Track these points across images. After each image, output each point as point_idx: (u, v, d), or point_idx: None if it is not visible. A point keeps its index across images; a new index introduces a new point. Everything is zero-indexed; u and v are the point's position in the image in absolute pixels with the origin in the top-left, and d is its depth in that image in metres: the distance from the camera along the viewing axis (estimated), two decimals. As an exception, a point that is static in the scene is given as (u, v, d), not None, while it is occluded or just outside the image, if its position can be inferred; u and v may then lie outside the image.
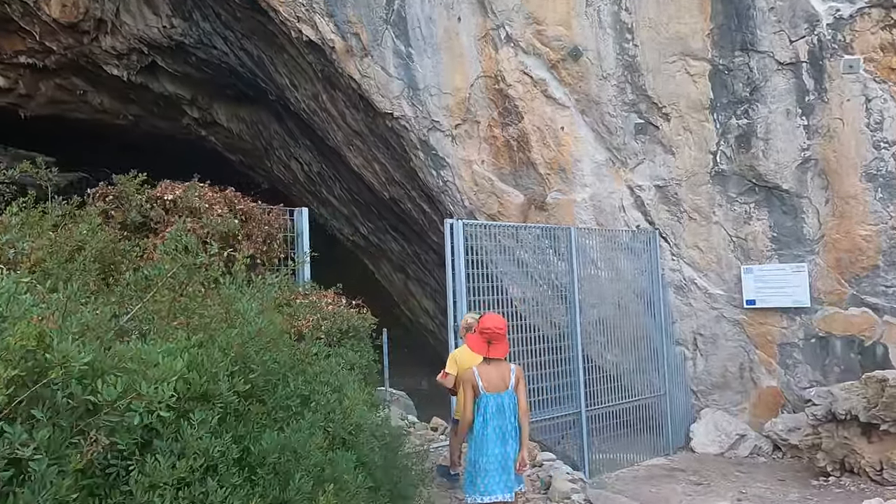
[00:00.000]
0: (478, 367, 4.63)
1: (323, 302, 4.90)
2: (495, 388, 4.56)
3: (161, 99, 13.86)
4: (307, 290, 5.35)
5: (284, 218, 6.23)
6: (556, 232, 8.30)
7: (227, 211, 5.66)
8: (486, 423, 4.52)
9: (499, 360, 4.63)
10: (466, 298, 7.28)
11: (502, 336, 4.64)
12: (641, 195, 9.04)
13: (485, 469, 4.53)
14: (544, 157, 9.28)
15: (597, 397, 8.31)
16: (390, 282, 14.87)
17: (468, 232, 7.41)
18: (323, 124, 11.71)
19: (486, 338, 4.60)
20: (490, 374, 4.59)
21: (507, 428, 4.56)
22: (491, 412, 4.53)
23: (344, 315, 4.61)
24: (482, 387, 4.54)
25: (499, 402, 4.55)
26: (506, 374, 4.63)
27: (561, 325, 8.22)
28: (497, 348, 4.62)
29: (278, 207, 6.16)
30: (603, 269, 8.86)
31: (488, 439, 4.52)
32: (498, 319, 4.76)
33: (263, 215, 5.88)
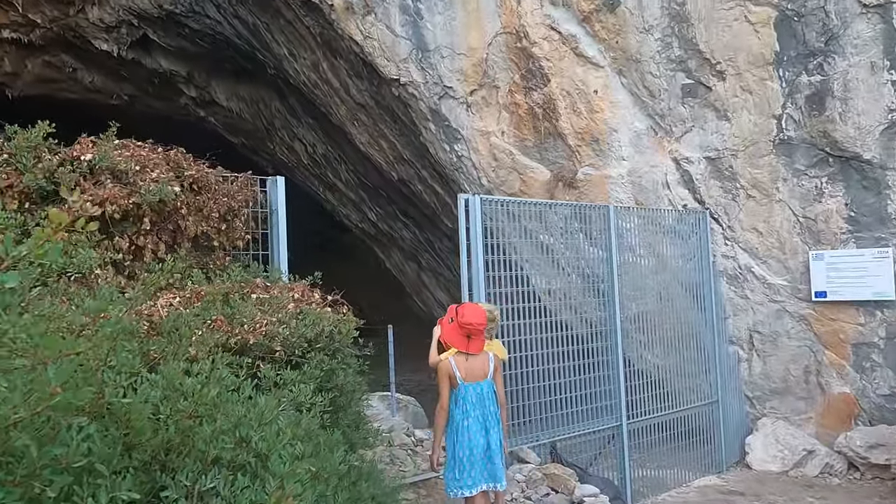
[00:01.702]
0: (455, 358, 4.37)
1: (288, 297, 3.36)
2: (474, 377, 4.37)
3: (156, 76, 12.41)
4: (271, 281, 3.82)
5: (254, 189, 4.70)
6: (589, 212, 6.70)
7: (174, 177, 4.14)
8: (466, 415, 4.30)
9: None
10: (485, 290, 5.73)
11: (482, 331, 4.40)
12: (689, 169, 7.40)
13: (469, 462, 4.30)
14: (574, 126, 7.67)
15: (639, 407, 6.72)
16: (402, 271, 13.34)
17: (486, 210, 5.84)
18: (325, 98, 10.17)
19: (465, 332, 4.33)
20: (468, 364, 4.37)
21: (488, 417, 4.36)
22: (471, 402, 4.33)
23: (312, 317, 3.07)
24: (460, 377, 4.33)
25: (478, 391, 4.37)
26: (485, 363, 4.44)
27: (596, 323, 6.63)
28: (476, 343, 4.39)
29: (245, 175, 4.63)
30: (643, 256, 7.25)
31: (470, 430, 4.30)
32: (479, 313, 4.42)
33: (222, 184, 4.34)
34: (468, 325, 4.28)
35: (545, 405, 6.02)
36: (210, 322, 2.87)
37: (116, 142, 4.11)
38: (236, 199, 4.38)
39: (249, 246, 4.66)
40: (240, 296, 3.48)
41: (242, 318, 2.95)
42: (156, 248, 3.91)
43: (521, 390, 5.84)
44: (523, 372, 5.86)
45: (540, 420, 5.99)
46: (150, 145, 4.29)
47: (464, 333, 4.30)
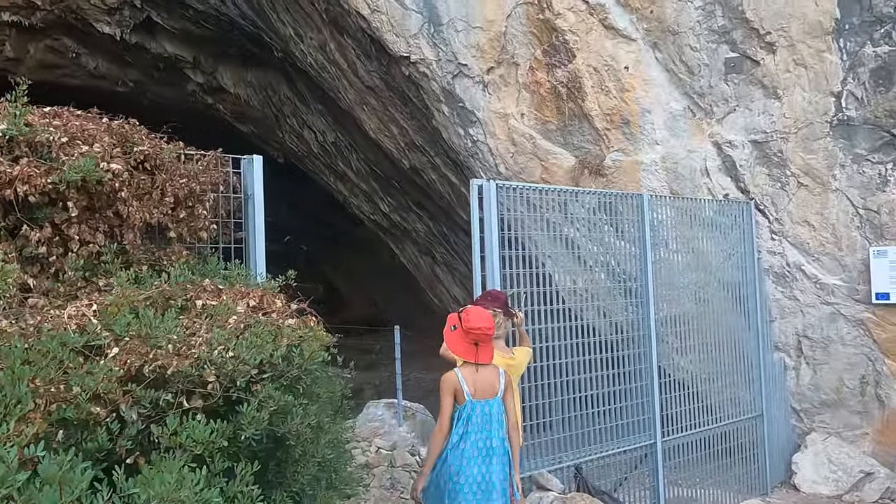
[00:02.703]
0: (461, 369, 3.62)
1: (243, 305, 2.51)
2: (483, 393, 3.60)
3: (161, 61, 11.66)
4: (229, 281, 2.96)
5: (224, 171, 3.84)
6: (619, 201, 5.77)
7: (120, 153, 3.30)
8: (465, 437, 3.53)
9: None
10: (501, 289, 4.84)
11: (491, 337, 3.68)
12: (732, 154, 6.44)
13: (455, 492, 3.48)
14: (602, 106, 6.74)
15: (675, 422, 5.81)
16: (416, 265, 12.49)
17: (503, 198, 4.95)
18: (333, 82, 9.32)
19: (472, 339, 3.61)
20: (477, 378, 3.61)
21: (491, 443, 3.57)
22: (476, 423, 3.55)
23: (264, 334, 2.21)
24: (468, 392, 3.56)
25: (486, 410, 3.59)
26: (494, 378, 3.67)
27: (626, 327, 5.72)
28: (486, 352, 3.65)
29: (213, 153, 3.78)
30: (678, 252, 6.31)
31: (466, 456, 3.51)
32: (486, 317, 3.70)
33: (182, 163, 3.49)
34: (476, 330, 3.58)
35: (569, 422, 5.13)
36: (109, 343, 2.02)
37: (47, 109, 3.27)
38: (199, 181, 3.52)
39: (219, 238, 3.81)
40: (182, 302, 2.63)
41: (162, 338, 2.09)
42: (90, 240, 3.08)
43: (542, 405, 4.95)
44: (544, 384, 4.98)
45: (563, 439, 5.10)
46: (94, 115, 3.46)
47: (471, 341, 3.59)
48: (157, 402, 1.98)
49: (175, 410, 1.96)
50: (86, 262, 3.06)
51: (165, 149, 3.42)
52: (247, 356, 2.00)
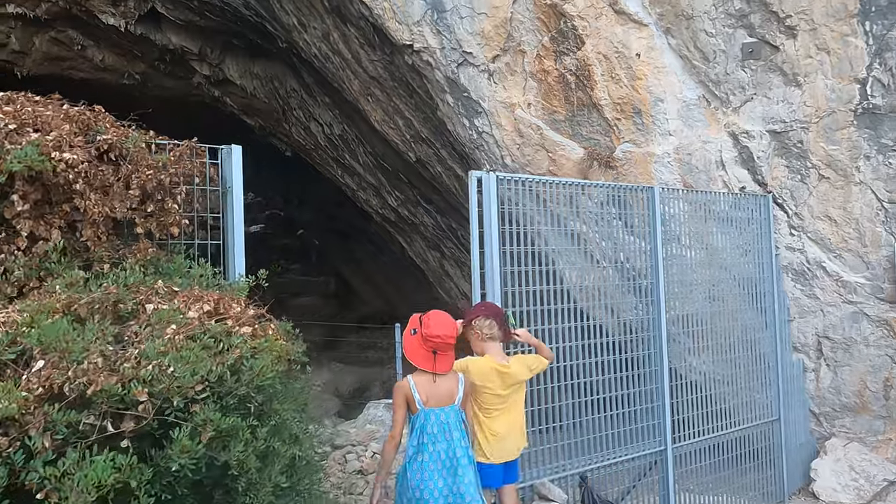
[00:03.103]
0: (415, 376, 3.42)
1: (196, 310, 2.23)
2: (438, 401, 3.38)
3: (167, 53, 11.42)
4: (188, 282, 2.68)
5: (200, 161, 3.56)
6: (629, 194, 5.43)
7: (81, 141, 3.03)
8: (421, 448, 3.31)
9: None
10: (501, 289, 4.54)
11: (451, 346, 3.45)
12: (749, 145, 6.07)
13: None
14: (612, 95, 6.39)
15: (687, 428, 5.47)
16: (424, 260, 12.19)
17: (504, 190, 4.64)
18: (338, 72, 9.03)
19: (431, 347, 3.39)
20: (432, 386, 3.37)
21: (455, 453, 3.33)
22: (432, 433, 3.32)
23: (208, 346, 1.92)
24: (420, 401, 3.36)
25: (442, 419, 3.36)
26: (453, 385, 3.45)
27: (636, 327, 5.39)
28: (444, 361, 3.42)
29: (188, 143, 3.50)
30: (691, 248, 5.95)
31: (426, 469, 3.28)
32: (448, 324, 3.47)
33: (146, 153, 3.21)
34: (435, 338, 3.37)
35: (574, 427, 4.83)
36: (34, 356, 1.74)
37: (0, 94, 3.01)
38: (169, 172, 3.25)
39: (195, 233, 3.53)
40: (132, 306, 2.35)
41: (93, 350, 1.81)
42: (44, 236, 2.81)
43: (545, 410, 4.65)
44: (547, 388, 4.67)
45: (567, 446, 4.79)
46: (56, 101, 3.19)
47: (429, 349, 3.37)
48: (77, 425, 1.69)
49: (97, 436, 1.67)
50: (41, 260, 2.80)
51: (131, 137, 3.14)
52: (180, 373, 1.70)
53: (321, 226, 18.53)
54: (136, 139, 3.12)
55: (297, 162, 13.67)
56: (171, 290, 2.41)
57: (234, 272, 3.56)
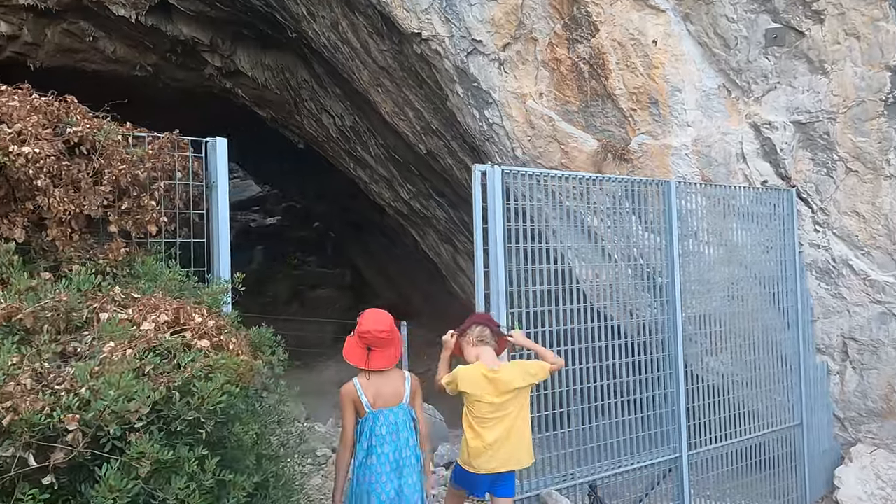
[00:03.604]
0: (360, 378, 3.32)
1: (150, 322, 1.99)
2: (385, 402, 3.30)
3: (178, 45, 11.24)
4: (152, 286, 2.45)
5: (182, 155, 3.33)
6: (644, 188, 5.13)
7: (50, 133, 2.81)
8: (370, 451, 3.22)
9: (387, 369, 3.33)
10: (505, 288, 4.28)
11: (387, 340, 3.34)
12: (772, 137, 5.72)
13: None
14: (628, 85, 6.07)
15: (704, 433, 5.18)
16: (437, 254, 11.94)
17: (509, 184, 4.37)
18: (347, 62, 8.78)
19: (364, 343, 3.31)
20: (377, 386, 3.29)
21: (402, 454, 3.26)
22: (381, 434, 3.23)
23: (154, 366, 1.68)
24: (367, 402, 3.26)
25: (391, 419, 3.27)
26: (398, 385, 3.37)
27: (651, 328, 5.10)
28: (379, 357, 3.30)
29: (169, 135, 3.27)
30: (709, 244, 5.64)
31: (375, 472, 3.19)
32: (380, 319, 3.38)
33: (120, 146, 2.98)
34: (366, 333, 3.29)
35: (583, 434, 4.56)
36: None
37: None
38: (146, 166, 3.02)
39: (176, 232, 3.31)
40: (88, 315, 2.12)
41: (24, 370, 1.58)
42: (7, 235, 2.60)
43: (552, 416, 4.39)
44: (555, 392, 4.41)
45: (576, 453, 4.53)
46: (23, 91, 2.97)
47: (362, 345, 3.29)
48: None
49: (17, 470, 1.44)
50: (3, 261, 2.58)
51: (104, 129, 2.91)
52: (113, 398, 1.47)
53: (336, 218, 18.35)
54: (109, 131, 2.90)
55: (313, 153, 13.46)
56: (130, 297, 2.19)
57: (219, 272, 3.33)
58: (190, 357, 1.77)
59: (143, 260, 2.73)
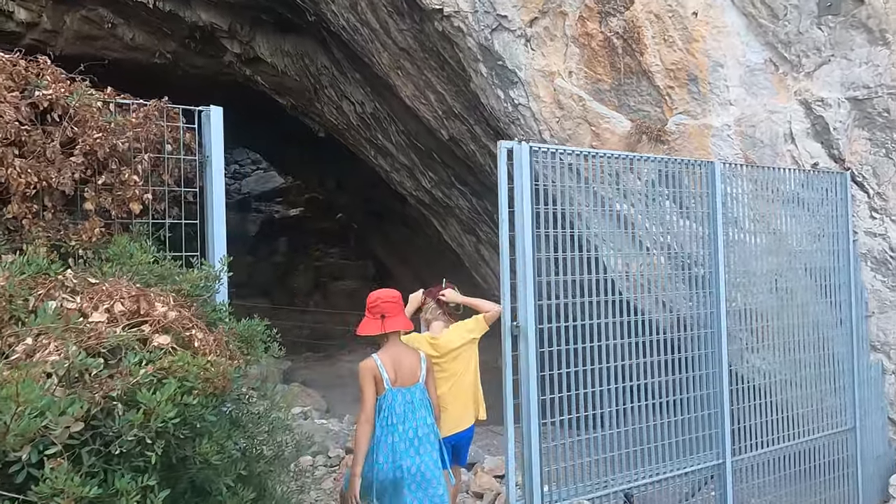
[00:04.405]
0: (380, 355, 3.35)
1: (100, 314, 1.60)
2: (403, 381, 3.33)
3: (196, 30, 10.93)
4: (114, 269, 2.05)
5: (172, 125, 2.93)
6: (685, 170, 4.63)
7: (17, 97, 2.43)
8: (391, 429, 3.22)
9: (405, 346, 3.44)
10: (534, 277, 3.84)
11: (396, 305, 3.42)
12: (824, 115, 5.19)
13: (391, 488, 3.18)
14: (665, 60, 5.57)
15: (748, 437, 4.70)
16: (460, 244, 11.51)
17: (539, 165, 3.92)
18: (367, 45, 8.38)
19: (377, 313, 3.36)
20: (397, 364, 3.32)
21: (419, 431, 3.28)
22: (400, 413, 3.25)
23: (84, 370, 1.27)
24: (388, 379, 3.27)
25: (408, 398, 3.30)
26: (415, 364, 3.42)
27: (690, 323, 4.62)
28: (394, 321, 3.37)
29: (156, 102, 2.88)
30: (752, 233, 5.12)
31: (397, 450, 3.20)
32: (387, 290, 3.56)
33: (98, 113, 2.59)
34: (375, 301, 3.42)
35: (617, 438, 4.11)
36: None
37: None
38: (126, 135, 2.62)
39: (166, 212, 2.92)
40: (34, 303, 1.72)
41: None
42: (-41, 212, 2.22)
43: (583, 418, 3.95)
44: (587, 392, 3.97)
45: (610, 459, 4.08)
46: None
47: (376, 315, 3.39)
48: None
49: None
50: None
51: (77, 92, 2.51)
52: (9, 416, 1.06)
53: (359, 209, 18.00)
54: (83, 95, 2.50)
55: (333, 143, 13.10)
56: (85, 282, 1.79)
57: (213, 256, 2.93)
58: (136, 358, 1.38)
59: (113, 240, 2.34)
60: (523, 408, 3.84)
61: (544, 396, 3.84)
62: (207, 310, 2.21)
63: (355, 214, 18.98)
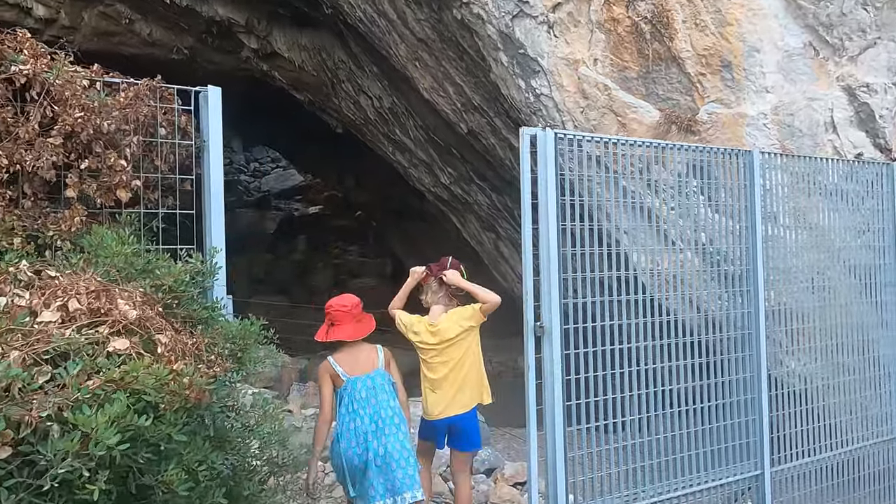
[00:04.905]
0: (334, 355, 3.43)
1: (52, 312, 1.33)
2: (361, 369, 3.39)
3: (213, 25, 10.74)
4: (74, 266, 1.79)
5: (168, 107, 2.68)
6: (720, 160, 4.29)
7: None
8: (354, 414, 3.27)
9: (361, 343, 3.46)
10: (559, 274, 3.53)
11: (347, 314, 3.44)
12: (870, 102, 4.82)
13: (360, 472, 3.22)
14: (696, 46, 5.23)
15: (788, 447, 4.35)
16: (479, 242, 11.21)
17: (562, 151, 3.61)
18: (384, 37, 8.11)
19: (329, 321, 3.46)
20: (352, 358, 3.41)
21: (384, 413, 3.30)
22: (360, 398, 3.31)
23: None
24: (343, 371, 3.34)
25: (369, 384, 3.35)
26: (371, 355, 3.48)
27: (724, 324, 4.28)
28: (340, 330, 3.42)
29: (148, 81, 2.62)
30: (790, 228, 4.76)
31: (361, 432, 3.24)
32: (344, 297, 3.59)
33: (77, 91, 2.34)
34: (328, 308, 3.49)
35: (647, 448, 3.80)
36: None
37: None
38: (112, 116, 2.37)
39: (159, 201, 2.66)
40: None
41: None
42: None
43: (611, 426, 3.65)
44: (616, 398, 3.66)
45: (640, 470, 3.77)
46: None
47: (327, 322, 3.47)
48: None
49: None
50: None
51: (56, 68, 2.26)
52: None
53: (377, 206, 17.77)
54: (62, 71, 2.25)
55: (351, 140, 12.86)
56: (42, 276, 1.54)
57: (210, 245, 2.68)
58: (77, 368, 1.11)
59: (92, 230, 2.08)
60: (547, 413, 3.55)
61: (570, 402, 3.54)
62: (195, 308, 1.95)
63: (374, 212, 18.76)
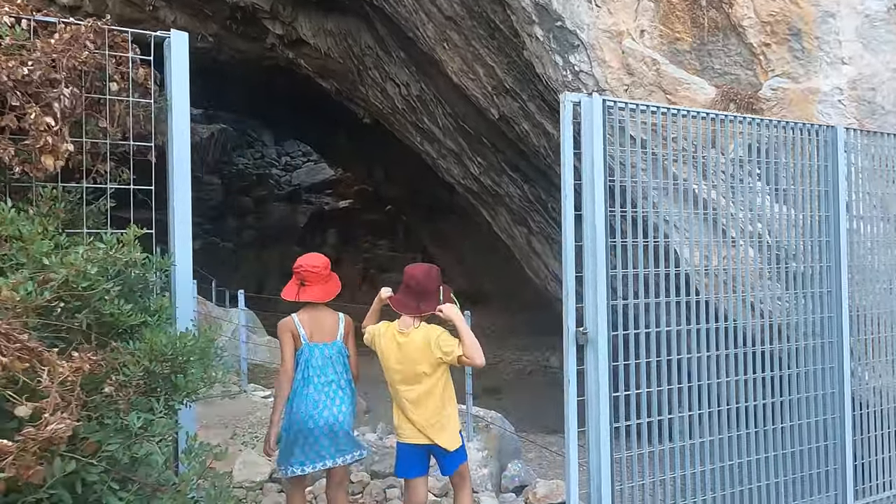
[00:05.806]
0: (298, 314, 3.35)
1: None
2: (321, 337, 3.34)
3: (237, 11, 10.27)
4: None
5: (120, 55, 2.11)
6: (797, 136, 3.58)
7: None
8: (307, 381, 3.27)
9: (325, 308, 3.36)
10: (607, 269, 2.88)
11: (319, 276, 3.34)
12: (970, 72, 4.06)
13: (305, 435, 3.21)
14: (760, 12, 4.51)
15: (874, 476, 3.63)
16: (510, 236, 10.56)
17: (612, 121, 2.95)
18: (411, 17, 7.51)
19: (298, 279, 3.34)
20: (315, 322, 3.33)
21: (335, 385, 3.31)
22: (316, 366, 3.29)
23: None
24: (305, 335, 3.30)
25: (325, 353, 3.31)
26: (333, 323, 3.39)
27: (798, 332, 3.57)
28: (310, 291, 3.33)
29: (92, 22, 2.06)
30: (867, 218, 4.02)
31: (311, 400, 3.25)
32: (314, 256, 3.43)
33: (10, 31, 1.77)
34: (298, 268, 3.34)
35: (710, 477, 3.13)
36: None
37: None
38: (38, 60, 1.80)
39: (108, 174, 2.09)
40: None
41: None
42: None
43: (661, 452, 2.99)
44: (664, 420, 3.00)
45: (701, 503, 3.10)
46: None
47: (296, 281, 3.33)
48: None
49: None
50: None
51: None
52: None
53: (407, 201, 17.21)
54: None
55: (380, 131, 12.31)
56: None
57: (174, 234, 2.10)
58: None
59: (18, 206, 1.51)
60: (590, 436, 2.91)
61: (618, 424, 2.90)
62: (114, 310, 1.40)
63: (404, 207, 18.23)
